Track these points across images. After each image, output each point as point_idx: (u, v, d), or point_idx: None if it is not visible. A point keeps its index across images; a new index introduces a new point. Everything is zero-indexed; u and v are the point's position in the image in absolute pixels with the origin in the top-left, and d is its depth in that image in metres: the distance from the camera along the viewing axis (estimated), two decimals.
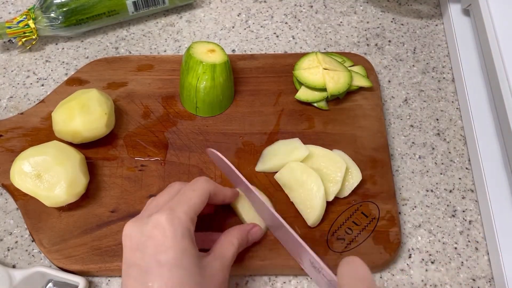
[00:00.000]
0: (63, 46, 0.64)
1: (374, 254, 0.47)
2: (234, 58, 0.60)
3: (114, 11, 0.62)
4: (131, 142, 0.54)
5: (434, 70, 0.62)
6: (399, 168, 0.55)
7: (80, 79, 0.58)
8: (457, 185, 0.54)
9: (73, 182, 0.47)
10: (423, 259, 0.49)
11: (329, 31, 0.65)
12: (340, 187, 0.49)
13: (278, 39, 0.64)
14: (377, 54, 0.63)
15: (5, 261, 0.49)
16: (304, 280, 0.48)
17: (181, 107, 0.56)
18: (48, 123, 0.54)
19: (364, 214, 0.49)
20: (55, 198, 0.46)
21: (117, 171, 0.52)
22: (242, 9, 0.68)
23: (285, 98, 0.57)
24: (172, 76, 0.58)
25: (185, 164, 0.52)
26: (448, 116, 0.58)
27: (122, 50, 0.63)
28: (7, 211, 0.52)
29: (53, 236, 0.48)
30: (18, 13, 0.67)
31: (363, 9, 0.68)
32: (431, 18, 0.67)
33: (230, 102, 0.56)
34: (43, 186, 0.46)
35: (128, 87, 0.58)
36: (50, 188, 0.46)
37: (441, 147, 0.56)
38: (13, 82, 0.60)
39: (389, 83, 0.61)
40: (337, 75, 0.55)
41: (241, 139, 0.54)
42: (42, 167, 0.46)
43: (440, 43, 0.64)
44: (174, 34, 0.65)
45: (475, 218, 0.52)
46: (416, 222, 0.51)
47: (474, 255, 0.50)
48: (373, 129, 0.55)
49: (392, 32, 0.65)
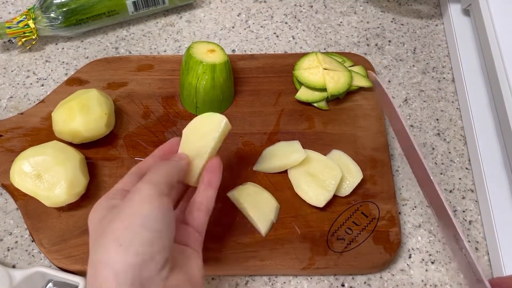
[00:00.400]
0: (63, 46, 0.64)
1: (374, 254, 0.47)
2: (234, 58, 0.60)
3: (114, 11, 0.62)
4: (131, 142, 0.54)
5: (434, 70, 0.62)
6: (399, 168, 0.55)
7: (80, 79, 0.58)
8: (457, 185, 0.54)
9: (73, 182, 0.47)
10: (423, 259, 0.49)
11: (329, 31, 0.65)
12: (332, 195, 0.48)
13: (278, 39, 0.64)
14: (377, 54, 0.63)
15: (5, 261, 0.49)
16: (304, 281, 0.48)
17: (181, 107, 0.56)
18: (48, 123, 0.54)
19: (364, 214, 0.49)
20: (55, 198, 0.46)
21: (117, 171, 0.52)
22: (242, 9, 0.68)
23: (285, 98, 0.57)
24: (172, 76, 0.58)
25: None
26: (448, 116, 0.58)
27: (122, 50, 0.63)
28: (7, 211, 0.52)
29: (53, 236, 0.48)
30: (18, 13, 0.67)
31: (363, 9, 0.68)
32: (431, 18, 0.67)
33: (230, 102, 0.56)
34: (43, 186, 0.46)
35: (128, 87, 0.57)
36: (50, 188, 0.46)
37: (441, 147, 0.56)
38: (13, 82, 0.60)
39: (389, 83, 0.61)
40: (337, 75, 0.55)
41: (241, 139, 0.54)
42: (42, 167, 0.46)
43: (440, 43, 0.64)
44: (174, 34, 0.65)
45: (475, 218, 0.52)
46: (416, 222, 0.51)
47: (474, 255, 0.50)
48: (373, 129, 0.55)
49: (392, 32, 0.65)
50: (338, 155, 0.52)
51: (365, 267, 0.47)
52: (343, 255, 0.47)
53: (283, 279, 0.48)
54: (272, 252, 0.47)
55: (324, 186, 0.48)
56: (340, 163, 0.50)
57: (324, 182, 0.49)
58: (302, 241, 0.48)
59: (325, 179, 0.49)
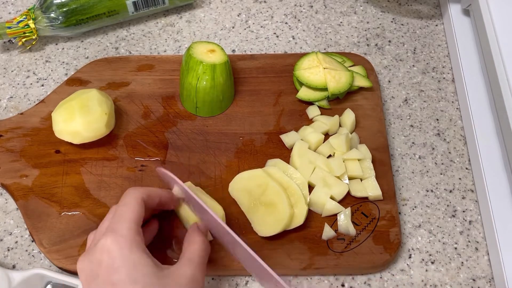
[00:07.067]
0: (63, 46, 0.64)
1: (374, 254, 0.47)
2: (234, 58, 0.60)
3: (114, 11, 0.62)
4: (131, 142, 0.54)
5: (434, 70, 0.62)
6: (399, 168, 0.55)
7: (80, 79, 0.58)
8: (457, 185, 0.54)
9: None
10: (423, 259, 0.49)
11: (329, 31, 0.65)
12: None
13: (278, 39, 0.64)
14: (377, 54, 0.63)
15: (5, 261, 0.49)
16: (304, 281, 0.48)
17: (181, 107, 0.56)
18: (48, 123, 0.54)
19: (364, 214, 0.49)
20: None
21: (117, 171, 0.52)
22: (242, 9, 0.68)
23: (285, 98, 0.57)
24: (172, 76, 0.58)
25: (185, 164, 0.52)
26: (448, 116, 0.58)
27: (122, 50, 0.63)
28: (7, 211, 0.52)
29: (53, 236, 0.48)
30: (18, 13, 0.67)
31: (363, 9, 0.68)
32: (431, 18, 0.67)
33: (230, 102, 0.56)
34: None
35: (128, 87, 0.57)
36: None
37: (441, 147, 0.56)
38: (13, 82, 0.60)
39: (389, 83, 0.61)
40: (339, 75, 0.55)
41: (241, 139, 0.54)
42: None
43: (440, 43, 0.64)
44: (174, 34, 0.65)
45: (475, 218, 0.52)
46: (416, 222, 0.51)
47: (474, 255, 0.50)
48: (373, 129, 0.55)
49: (392, 32, 0.65)
50: (362, 150, 0.52)
51: (365, 267, 0.47)
52: (343, 255, 0.47)
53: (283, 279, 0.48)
54: (272, 252, 0.47)
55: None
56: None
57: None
58: (302, 241, 0.48)
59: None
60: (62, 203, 0.50)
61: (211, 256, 0.47)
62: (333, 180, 0.49)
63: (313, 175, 0.49)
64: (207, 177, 0.51)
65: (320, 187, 0.49)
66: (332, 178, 0.49)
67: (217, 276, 0.48)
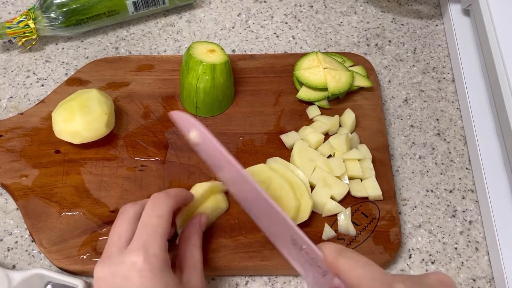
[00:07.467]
0: (63, 46, 0.64)
1: (374, 254, 0.47)
2: (234, 58, 0.60)
3: (114, 11, 0.62)
4: (131, 142, 0.54)
5: (434, 70, 0.62)
6: (399, 168, 0.55)
7: (80, 79, 0.58)
8: (457, 185, 0.54)
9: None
10: (423, 259, 0.49)
11: (329, 31, 0.65)
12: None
13: (278, 39, 0.64)
14: (377, 54, 0.63)
15: (5, 261, 0.49)
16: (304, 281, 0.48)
17: (181, 107, 0.56)
18: (48, 123, 0.54)
19: (364, 214, 0.49)
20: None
21: (117, 171, 0.52)
22: (242, 9, 0.68)
23: (285, 98, 0.57)
24: (172, 76, 0.58)
25: (185, 164, 0.52)
26: (448, 116, 0.58)
27: (122, 50, 0.63)
28: (7, 211, 0.52)
29: (53, 236, 0.48)
30: (18, 13, 0.67)
31: (363, 9, 0.68)
32: (431, 18, 0.67)
33: (230, 102, 0.56)
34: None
35: (128, 87, 0.57)
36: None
37: (441, 147, 0.56)
38: (13, 82, 0.60)
39: (389, 83, 0.61)
40: (339, 75, 0.55)
41: (241, 139, 0.54)
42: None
43: (440, 43, 0.64)
44: (174, 34, 0.65)
45: (475, 218, 0.52)
46: (416, 222, 0.51)
47: (474, 255, 0.50)
48: (373, 129, 0.55)
49: (392, 32, 0.65)
50: (362, 150, 0.52)
51: None
52: None
53: (283, 279, 0.48)
54: (272, 252, 0.47)
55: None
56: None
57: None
58: None
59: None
60: (62, 203, 0.50)
61: (212, 256, 0.47)
62: (333, 180, 0.49)
63: (313, 175, 0.49)
64: (207, 177, 0.51)
65: (320, 187, 0.49)
66: (332, 178, 0.49)
67: (217, 276, 0.48)
